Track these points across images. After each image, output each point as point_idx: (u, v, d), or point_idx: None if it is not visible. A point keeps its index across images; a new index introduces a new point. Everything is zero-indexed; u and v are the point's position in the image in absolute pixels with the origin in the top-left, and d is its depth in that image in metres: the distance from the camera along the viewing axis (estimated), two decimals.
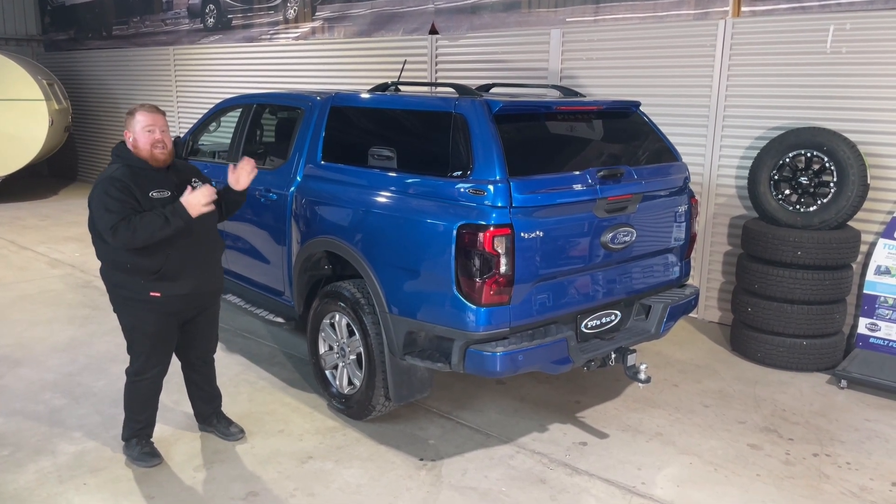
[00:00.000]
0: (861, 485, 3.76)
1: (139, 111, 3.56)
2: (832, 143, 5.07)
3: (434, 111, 3.98)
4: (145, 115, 3.54)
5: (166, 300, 3.58)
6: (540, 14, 7.19)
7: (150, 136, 3.52)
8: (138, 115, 3.53)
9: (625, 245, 4.01)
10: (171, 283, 3.58)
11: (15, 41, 14.85)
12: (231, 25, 10.70)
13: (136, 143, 3.53)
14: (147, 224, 3.37)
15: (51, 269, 7.62)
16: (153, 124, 3.53)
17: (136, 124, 3.52)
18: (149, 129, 3.52)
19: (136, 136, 3.53)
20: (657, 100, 6.15)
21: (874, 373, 4.84)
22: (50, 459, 3.86)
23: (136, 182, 3.47)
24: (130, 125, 3.53)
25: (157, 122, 3.54)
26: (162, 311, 3.60)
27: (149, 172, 3.55)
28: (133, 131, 3.53)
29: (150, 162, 3.55)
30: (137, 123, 3.52)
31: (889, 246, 5.18)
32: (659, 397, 4.74)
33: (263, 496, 3.57)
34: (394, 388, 4.01)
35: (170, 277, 3.57)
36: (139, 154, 3.53)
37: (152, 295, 3.54)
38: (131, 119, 3.53)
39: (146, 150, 3.52)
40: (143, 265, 3.51)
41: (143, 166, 3.54)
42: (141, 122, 3.52)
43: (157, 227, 3.38)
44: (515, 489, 3.66)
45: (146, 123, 3.52)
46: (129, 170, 3.51)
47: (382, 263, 3.90)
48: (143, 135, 3.51)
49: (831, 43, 5.38)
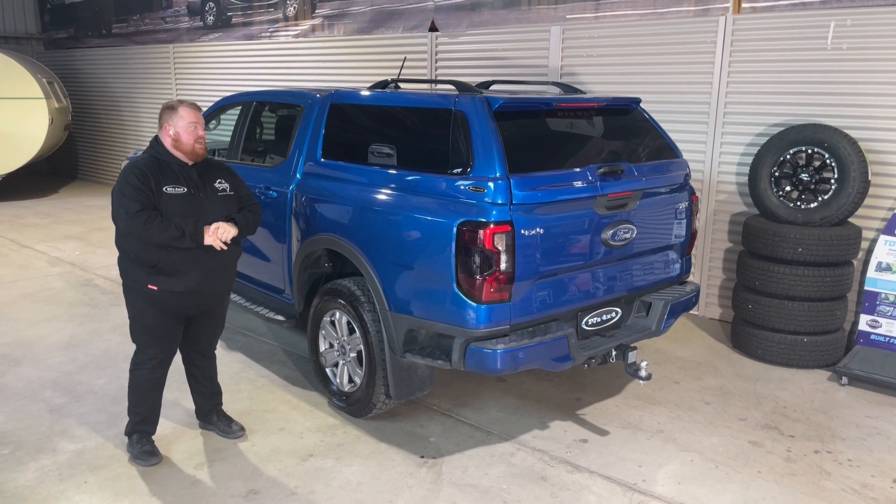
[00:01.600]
0: (862, 481, 3.76)
1: (182, 107, 3.63)
2: (833, 140, 5.06)
3: (434, 108, 3.97)
4: (190, 112, 3.63)
5: (162, 295, 3.61)
6: (540, 11, 7.18)
7: (195, 132, 3.62)
8: (182, 111, 3.61)
9: (625, 242, 4.00)
10: (169, 279, 3.59)
11: (15, 39, 14.84)
12: (231, 23, 10.69)
13: (178, 137, 3.60)
14: (165, 228, 3.45)
15: (51, 268, 7.62)
16: (196, 121, 3.64)
17: (179, 120, 3.59)
18: (193, 125, 3.62)
19: (178, 131, 3.60)
20: (658, 96, 6.14)
21: (875, 369, 4.84)
22: (50, 458, 3.86)
23: (156, 174, 3.54)
24: (172, 120, 3.60)
25: (199, 120, 3.66)
26: (158, 304, 3.63)
27: (173, 167, 3.62)
28: (175, 126, 3.60)
29: (190, 157, 3.63)
30: (181, 119, 3.60)
31: (890, 242, 5.17)
32: (660, 394, 4.74)
33: (264, 494, 3.57)
34: (394, 386, 4.01)
35: (167, 273, 3.58)
36: (180, 148, 3.61)
37: (150, 287, 3.59)
38: (173, 114, 3.60)
39: (189, 144, 3.61)
40: (143, 257, 3.57)
41: (169, 160, 3.62)
42: (186, 118, 3.60)
43: (172, 236, 3.48)
44: (516, 486, 3.66)
45: (191, 120, 3.62)
46: (155, 161, 3.59)
47: (382, 261, 3.90)
48: (188, 131, 3.60)
49: (832, 39, 5.36)
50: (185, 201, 3.58)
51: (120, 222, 3.50)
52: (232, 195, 3.80)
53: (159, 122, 3.65)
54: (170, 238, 3.47)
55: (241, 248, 3.92)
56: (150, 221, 3.43)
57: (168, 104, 3.67)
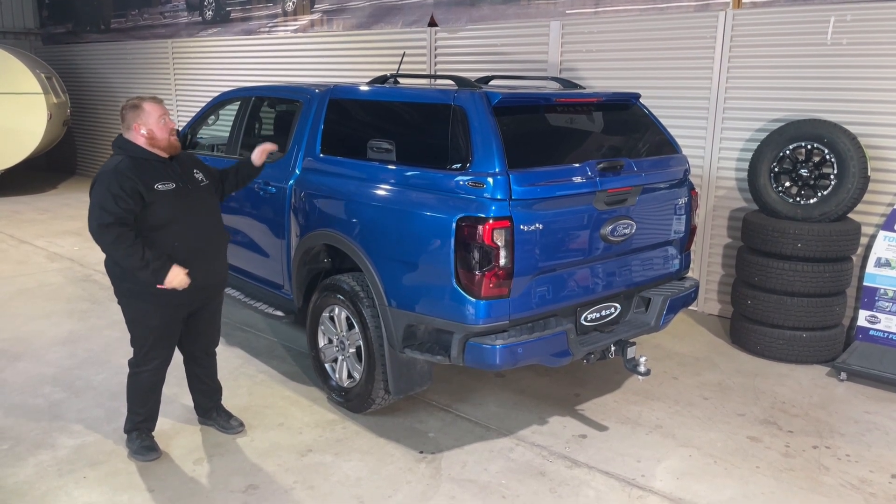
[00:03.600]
0: (861, 477, 3.77)
1: (147, 103, 3.58)
2: (832, 135, 5.05)
3: (433, 103, 3.96)
4: (156, 107, 3.59)
5: (171, 292, 3.57)
6: (539, 6, 7.16)
7: (167, 125, 3.59)
8: (148, 107, 3.57)
9: (624, 237, 4.00)
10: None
11: (13, 34, 14.81)
12: (230, 18, 10.67)
13: (152, 133, 3.55)
14: (132, 253, 3.39)
15: (50, 263, 7.62)
16: (164, 114, 3.61)
17: (149, 116, 3.55)
18: (163, 118, 3.59)
19: (152, 128, 3.55)
20: (657, 92, 6.13)
21: (874, 365, 4.84)
22: (49, 453, 3.86)
23: (140, 175, 3.47)
24: (142, 118, 3.54)
25: (166, 112, 3.63)
26: (167, 303, 3.59)
27: (153, 164, 3.56)
28: (147, 123, 3.55)
29: (167, 150, 3.59)
30: (151, 115, 3.55)
31: (889, 238, 5.17)
32: (658, 390, 4.74)
33: (263, 489, 3.57)
34: (393, 381, 4.01)
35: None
36: (156, 144, 3.57)
37: (158, 287, 3.53)
38: (141, 112, 3.55)
39: (164, 138, 3.57)
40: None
41: (147, 157, 3.55)
42: (154, 113, 3.57)
43: (135, 263, 3.40)
44: (515, 482, 3.66)
45: (160, 113, 3.59)
46: (133, 162, 3.51)
47: (381, 256, 3.89)
48: (160, 125, 3.57)
49: (832, 35, 5.35)
50: (176, 196, 3.56)
51: (92, 230, 3.42)
52: (209, 184, 3.83)
53: (125, 124, 3.57)
54: (131, 265, 3.40)
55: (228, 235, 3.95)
56: (119, 241, 3.37)
57: (130, 104, 3.60)
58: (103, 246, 3.43)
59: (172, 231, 3.54)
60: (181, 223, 3.57)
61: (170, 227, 3.54)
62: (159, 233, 3.51)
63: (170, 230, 3.53)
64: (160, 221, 3.51)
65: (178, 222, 3.56)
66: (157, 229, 3.51)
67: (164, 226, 3.52)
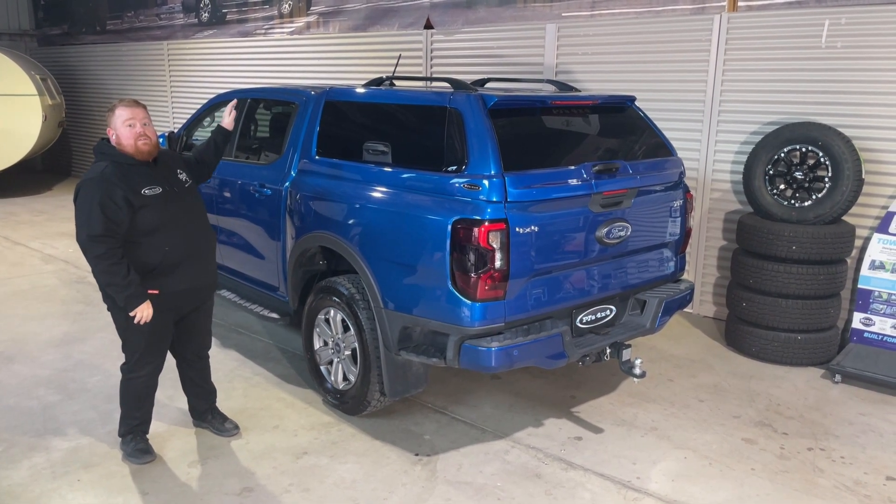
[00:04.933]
0: (855, 479, 3.77)
1: (118, 106, 3.52)
2: (827, 138, 5.07)
3: (429, 106, 3.96)
4: (124, 110, 3.49)
5: (164, 297, 3.55)
6: (535, 9, 7.18)
7: (132, 129, 3.47)
8: (118, 111, 3.50)
9: (620, 240, 4.00)
10: (169, 279, 3.56)
11: (8, 36, 14.77)
12: (226, 20, 10.66)
13: (118, 139, 3.49)
14: (116, 271, 3.35)
15: (44, 265, 7.59)
16: (133, 118, 3.48)
17: (116, 119, 3.48)
18: (129, 122, 3.48)
19: (118, 132, 3.48)
20: (653, 94, 6.14)
21: (868, 367, 4.85)
22: (43, 455, 3.85)
23: (126, 181, 3.43)
24: (111, 122, 3.50)
25: (136, 115, 3.50)
26: (160, 308, 3.56)
27: (138, 168, 3.51)
28: (114, 127, 3.49)
29: (136, 156, 3.50)
30: (118, 118, 3.48)
31: (883, 241, 5.18)
32: (654, 392, 4.75)
33: (258, 492, 3.56)
34: (389, 384, 4.00)
35: (168, 273, 3.55)
36: (123, 150, 3.49)
37: (150, 293, 3.50)
38: (111, 115, 3.50)
39: (130, 144, 3.47)
40: (141, 261, 3.48)
41: (130, 162, 3.50)
42: (121, 116, 3.48)
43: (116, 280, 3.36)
44: (510, 484, 3.66)
45: (126, 117, 3.48)
46: (118, 167, 3.46)
47: (377, 258, 3.89)
48: (125, 129, 3.47)
49: (826, 38, 5.37)
50: (164, 200, 3.53)
51: (79, 241, 3.38)
52: (193, 183, 3.79)
53: (108, 128, 3.52)
54: (112, 281, 3.36)
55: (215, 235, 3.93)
56: (107, 255, 3.33)
57: (110, 106, 3.55)
58: (90, 257, 3.37)
59: (163, 235, 3.50)
60: (171, 227, 3.54)
61: (160, 232, 3.50)
62: (150, 238, 3.48)
63: (160, 235, 3.50)
64: (150, 226, 3.47)
65: (168, 226, 3.53)
66: (147, 235, 3.47)
67: (155, 230, 3.49)
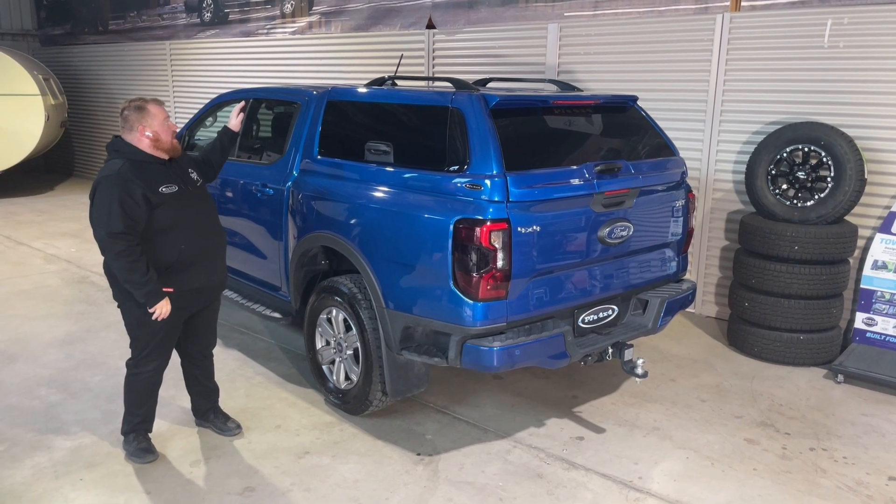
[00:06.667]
0: (857, 479, 3.77)
1: (152, 105, 3.55)
2: (829, 138, 5.06)
3: (431, 106, 3.96)
4: (160, 109, 3.58)
5: (178, 295, 3.57)
6: (537, 8, 7.18)
7: (170, 127, 3.57)
8: (153, 110, 3.54)
9: (622, 240, 4.00)
10: (184, 277, 3.59)
11: (10, 36, 14.80)
12: (228, 20, 10.67)
13: (157, 136, 3.53)
14: (136, 267, 3.38)
15: (47, 265, 7.60)
16: (167, 116, 3.59)
17: (154, 119, 3.52)
18: (167, 121, 3.58)
19: (157, 130, 3.53)
20: (655, 94, 6.14)
21: (871, 367, 4.85)
22: (46, 455, 3.85)
23: (144, 179, 3.45)
24: (146, 121, 3.50)
25: (167, 114, 3.61)
26: (173, 305, 3.56)
27: (154, 166, 3.54)
28: (152, 126, 3.52)
29: (170, 153, 3.58)
30: (156, 118, 3.53)
31: (886, 241, 5.18)
32: (656, 392, 4.75)
33: (260, 491, 3.56)
34: (391, 383, 4.00)
35: (182, 270, 3.58)
36: (160, 147, 3.54)
37: (165, 290, 3.51)
38: (146, 114, 3.50)
39: (168, 141, 3.56)
40: (157, 259, 3.49)
41: (147, 160, 3.52)
42: (159, 115, 3.55)
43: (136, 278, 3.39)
44: (512, 484, 3.66)
45: (165, 116, 3.58)
46: (134, 165, 3.47)
47: (379, 258, 3.89)
48: (165, 127, 3.55)
49: (829, 37, 5.37)
50: (179, 198, 3.56)
51: (97, 238, 3.40)
52: (203, 182, 3.85)
53: (128, 126, 3.51)
54: (131, 278, 3.38)
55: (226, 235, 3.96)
56: (127, 252, 3.34)
57: (133, 105, 3.54)
58: (109, 255, 3.39)
59: (178, 233, 3.54)
60: (186, 225, 3.57)
61: (175, 230, 3.53)
62: (166, 236, 3.51)
63: (175, 233, 3.53)
64: (166, 224, 3.50)
65: (183, 224, 3.56)
66: (163, 233, 3.50)
67: (170, 228, 3.51)
